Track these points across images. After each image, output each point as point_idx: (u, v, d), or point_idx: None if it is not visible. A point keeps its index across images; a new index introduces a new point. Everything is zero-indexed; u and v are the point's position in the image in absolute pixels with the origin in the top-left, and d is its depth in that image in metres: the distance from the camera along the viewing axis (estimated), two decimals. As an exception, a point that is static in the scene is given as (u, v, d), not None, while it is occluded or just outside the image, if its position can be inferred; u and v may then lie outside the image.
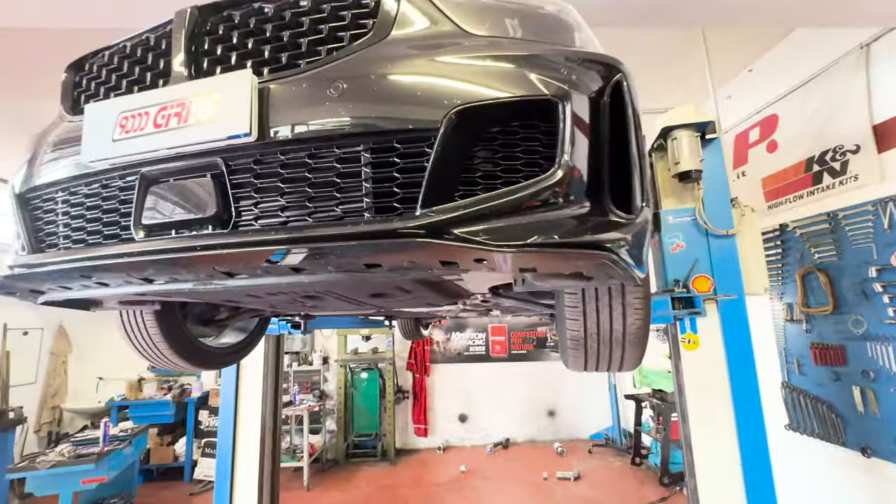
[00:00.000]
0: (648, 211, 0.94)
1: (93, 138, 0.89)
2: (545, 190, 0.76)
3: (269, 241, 0.77)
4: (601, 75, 0.87)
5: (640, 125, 0.94)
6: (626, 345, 1.27)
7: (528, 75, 0.81)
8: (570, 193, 0.78)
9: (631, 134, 0.88)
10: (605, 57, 0.90)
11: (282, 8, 0.89)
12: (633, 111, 0.90)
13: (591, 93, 0.84)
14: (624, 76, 0.89)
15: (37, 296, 1.11)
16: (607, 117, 0.87)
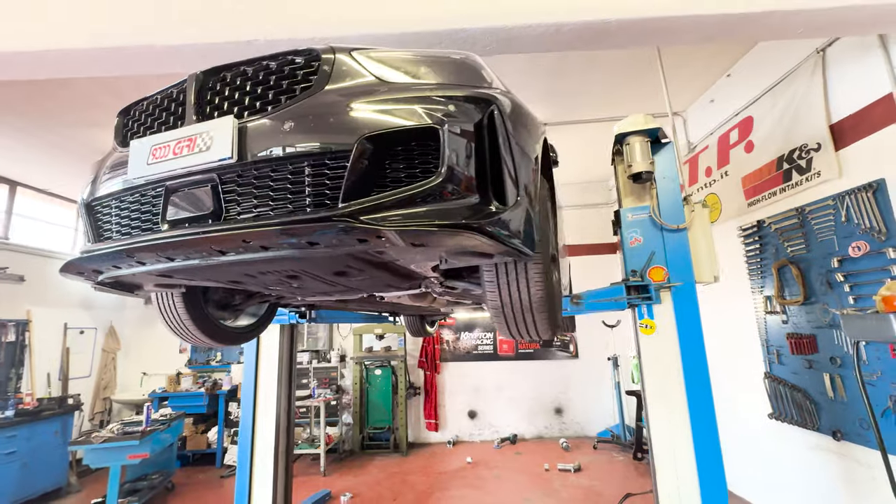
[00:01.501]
0: (525, 202, 1.31)
1: (135, 163, 1.32)
2: (428, 189, 1.13)
3: (244, 227, 1.17)
4: (478, 108, 1.24)
5: (516, 141, 1.31)
6: (534, 312, 1.59)
7: (416, 110, 1.18)
8: (451, 190, 1.15)
9: (502, 149, 1.24)
10: (480, 94, 1.27)
11: (257, 70, 1.30)
12: (506, 131, 1.27)
13: (469, 121, 1.21)
14: (497, 107, 1.26)
15: (97, 274, 1.55)
16: (486, 137, 1.23)
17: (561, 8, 2.11)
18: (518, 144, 1.37)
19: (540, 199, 1.60)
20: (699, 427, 2.50)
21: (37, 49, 2.21)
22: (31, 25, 2.16)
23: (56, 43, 2.16)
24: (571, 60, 3.96)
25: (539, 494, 4.63)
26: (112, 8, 2.15)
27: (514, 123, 1.38)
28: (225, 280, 1.76)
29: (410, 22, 2.16)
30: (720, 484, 2.39)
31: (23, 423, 4.73)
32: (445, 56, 1.44)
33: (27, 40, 2.20)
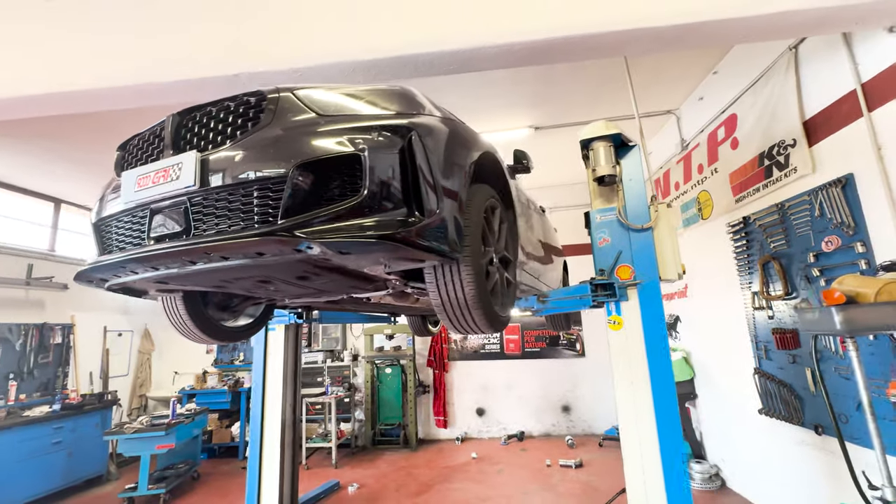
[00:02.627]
0: (448, 211, 1.53)
1: (126, 190, 1.61)
2: (352, 205, 1.35)
3: (203, 242, 1.43)
4: (397, 134, 1.46)
5: (438, 159, 1.52)
6: (470, 309, 1.79)
7: (343, 140, 1.41)
8: (373, 206, 1.37)
9: (420, 168, 1.46)
10: (400, 123, 1.49)
11: (219, 110, 1.57)
12: (425, 153, 1.48)
13: (389, 146, 1.43)
14: (415, 133, 1.47)
15: (103, 282, 1.86)
16: (405, 159, 1.45)
17: (509, 31, 2.29)
18: (441, 162, 1.58)
19: (475, 206, 1.80)
20: (663, 416, 2.60)
21: (47, 91, 2.60)
22: (43, 72, 2.54)
23: (65, 85, 2.53)
24: (557, 66, 4.10)
25: (537, 488, 4.77)
26: (115, 54, 2.50)
27: (437, 144, 1.60)
28: (210, 284, 2.04)
29: (377, 51, 2.39)
30: (682, 475, 2.50)
31: (68, 416, 5.27)
32: (379, 89, 1.67)
33: (42, 84, 2.59)
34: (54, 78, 2.51)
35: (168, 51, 2.46)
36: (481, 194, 1.91)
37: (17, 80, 2.57)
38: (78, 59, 2.54)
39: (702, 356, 4.92)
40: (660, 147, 5.69)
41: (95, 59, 2.51)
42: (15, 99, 2.62)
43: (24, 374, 5.55)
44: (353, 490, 4.94)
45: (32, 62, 2.57)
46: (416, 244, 1.42)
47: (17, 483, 4.66)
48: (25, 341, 5.61)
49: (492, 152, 2.12)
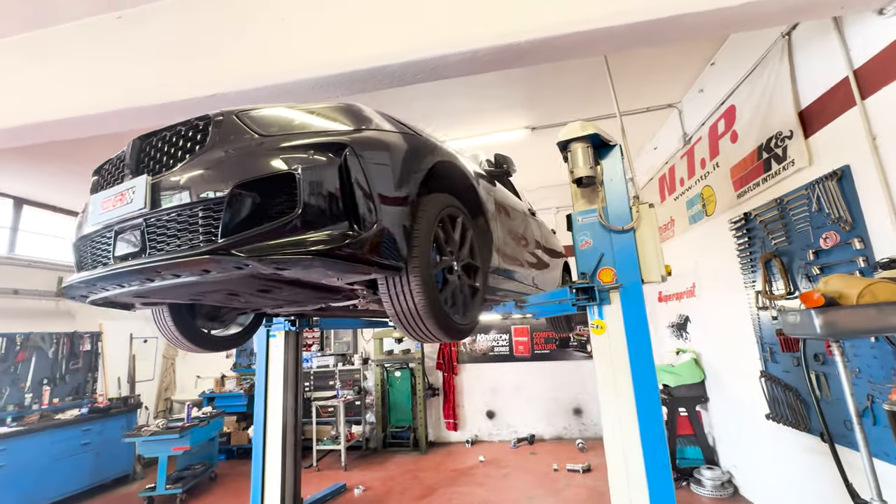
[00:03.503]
0: (391, 223, 1.55)
1: (92, 213, 1.72)
2: (287, 223, 1.40)
3: (154, 262, 1.51)
4: (332, 152, 1.50)
5: (379, 173, 1.55)
6: (422, 318, 1.80)
7: (280, 159, 1.46)
8: (310, 222, 1.41)
9: (356, 185, 1.49)
10: (335, 140, 1.53)
11: (172, 135, 1.65)
12: (361, 169, 1.51)
13: (325, 163, 1.47)
14: (349, 150, 1.51)
15: (83, 298, 1.99)
16: (341, 175, 1.48)
17: (472, 37, 2.29)
18: (383, 175, 1.60)
19: (427, 216, 1.81)
20: (646, 425, 2.53)
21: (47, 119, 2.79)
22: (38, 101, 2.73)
23: (64, 112, 2.71)
24: (542, 68, 4.05)
25: (542, 493, 4.71)
26: (109, 80, 2.66)
27: (379, 158, 1.63)
28: (185, 297, 2.13)
29: (340, 65, 2.45)
30: (666, 478, 2.43)
31: (95, 419, 5.61)
32: (325, 106, 1.72)
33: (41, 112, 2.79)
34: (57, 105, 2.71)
35: (153, 78, 2.61)
36: (435, 204, 1.91)
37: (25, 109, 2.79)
38: (78, 89, 2.73)
39: (712, 358, 4.74)
40: (665, 142, 5.51)
41: (95, 84, 2.69)
42: (25, 126, 2.86)
43: (56, 379, 5.94)
44: (359, 492, 5.03)
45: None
46: (352, 258, 1.45)
47: (50, 481, 5.00)
48: (57, 349, 6.01)
49: (451, 161, 2.13)
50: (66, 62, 2.83)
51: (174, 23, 2.70)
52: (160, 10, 2.75)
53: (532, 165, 6.24)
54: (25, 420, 5.21)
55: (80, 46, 2.81)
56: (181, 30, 2.65)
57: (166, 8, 2.74)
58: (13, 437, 4.75)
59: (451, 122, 4.93)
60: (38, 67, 2.88)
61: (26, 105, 2.84)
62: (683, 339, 5.37)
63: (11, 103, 2.90)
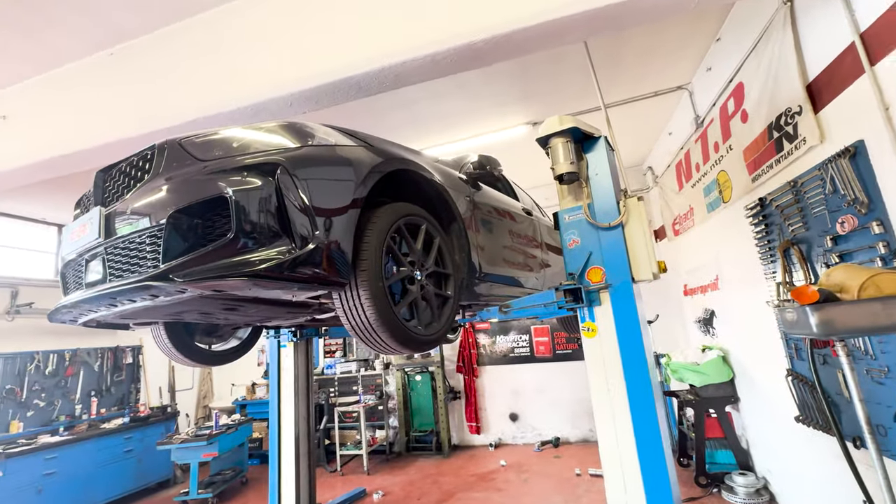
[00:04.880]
0: (336, 238, 1.55)
1: (66, 241, 1.83)
2: (222, 245, 1.43)
3: (110, 288, 1.58)
4: (264, 172, 1.51)
5: (318, 189, 1.55)
6: (376, 331, 1.77)
7: (213, 182, 1.49)
8: (245, 244, 1.43)
9: (289, 203, 1.49)
10: (267, 161, 1.53)
11: (126, 165, 1.72)
12: (295, 187, 1.52)
13: (257, 184, 1.48)
14: (281, 169, 1.51)
15: (72, 321, 2.12)
16: (275, 194, 1.49)
17: (424, 42, 2.25)
18: (321, 192, 1.60)
19: (377, 227, 1.79)
20: (641, 432, 2.38)
21: (74, 150, 3.01)
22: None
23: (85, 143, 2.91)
24: (531, 60, 3.92)
25: (560, 500, 4.56)
26: (117, 111, 2.84)
27: (317, 173, 1.63)
28: (161, 317, 2.21)
29: (308, 79, 2.47)
30: (664, 485, 2.28)
31: (136, 427, 6.01)
32: (266, 126, 1.73)
33: (65, 146, 3.01)
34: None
35: (166, 104, 2.75)
36: (389, 214, 1.88)
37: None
38: (84, 120, 2.94)
39: (740, 354, 4.40)
40: (679, 126, 5.20)
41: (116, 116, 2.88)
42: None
43: (102, 391, 6.42)
44: (378, 498, 5.08)
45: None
46: (287, 277, 1.45)
47: (97, 486, 5.40)
48: (102, 363, 6.49)
49: (413, 169, 2.09)
50: (82, 96, 3.03)
51: (158, 54, 2.84)
52: (147, 42, 2.90)
53: (537, 162, 6.04)
54: (75, 429, 5.66)
55: (91, 81, 3.01)
56: (163, 60, 2.78)
57: (152, 40, 2.89)
58: (63, 445, 5.17)
59: (448, 125, 4.88)
60: (60, 104, 3.11)
61: (52, 139, 3.07)
62: (710, 336, 5.03)
63: (38, 138, 3.14)
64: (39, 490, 4.83)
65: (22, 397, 5.45)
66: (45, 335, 5.91)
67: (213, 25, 2.69)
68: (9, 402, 5.33)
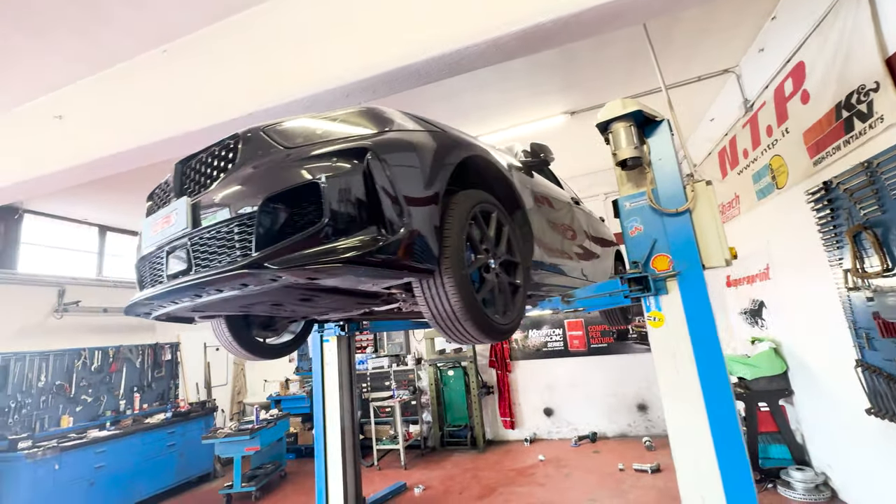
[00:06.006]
0: (420, 225, 1.52)
1: (146, 235, 1.84)
2: (315, 232, 1.40)
3: (199, 278, 1.58)
4: (354, 157, 1.48)
5: (404, 175, 1.52)
6: (459, 320, 1.74)
7: (304, 170, 1.47)
8: (337, 230, 1.40)
9: (380, 188, 1.46)
10: (356, 146, 1.50)
11: (208, 155, 1.72)
12: (384, 172, 1.49)
13: (347, 170, 1.46)
14: (371, 154, 1.48)
15: (146, 315, 2.14)
16: (365, 180, 1.46)
17: (491, 25, 2.19)
18: (408, 176, 1.56)
19: (457, 214, 1.75)
20: (718, 425, 2.30)
21: (128, 148, 3.05)
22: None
23: (139, 141, 2.94)
24: (577, 46, 3.83)
25: (606, 495, 4.48)
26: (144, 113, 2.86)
27: (402, 159, 1.59)
28: (232, 310, 2.22)
29: (367, 69, 2.44)
30: (746, 482, 2.19)
31: (178, 422, 6.13)
32: (346, 112, 1.71)
33: (119, 145, 3.05)
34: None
35: (201, 102, 2.77)
36: (466, 201, 1.84)
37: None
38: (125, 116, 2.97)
39: (795, 346, 4.25)
40: (722, 112, 5.03)
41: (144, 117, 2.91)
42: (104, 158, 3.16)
43: (144, 387, 6.57)
44: (419, 492, 5.08)
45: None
46: (382, 263, 1.43)
47: (143, 479, 5.53)
48: (143, 359, 6.64)
49: (482, 155, 2.05)
50: (137, 94, 3.07)
51: (213, 49, 2.85)
52: (201, 37, 2.91)
53: (574, 152, 5.97)
54: (121, 424, 5.81)
55: (146, 78, 3.04)
56: (218, 55, 2.79)
57: (206, 35, 2.90)
58: (111, 439, 5.30)
59: (486, 116, 4.82)
60: (115, 102, 3.15)
61: (108, 137, 3.11)
62: (759, 327, 4.87)
63: (94, 137, 3.19)
64: (91, 483, 4.96)
65: (71, 393, 5.60)
66: (90, 333, 6.07)
67: (267, 19, 2.68)
68: (59, 397, 5.49)
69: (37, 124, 3.37)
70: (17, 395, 5.08)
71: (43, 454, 4.55)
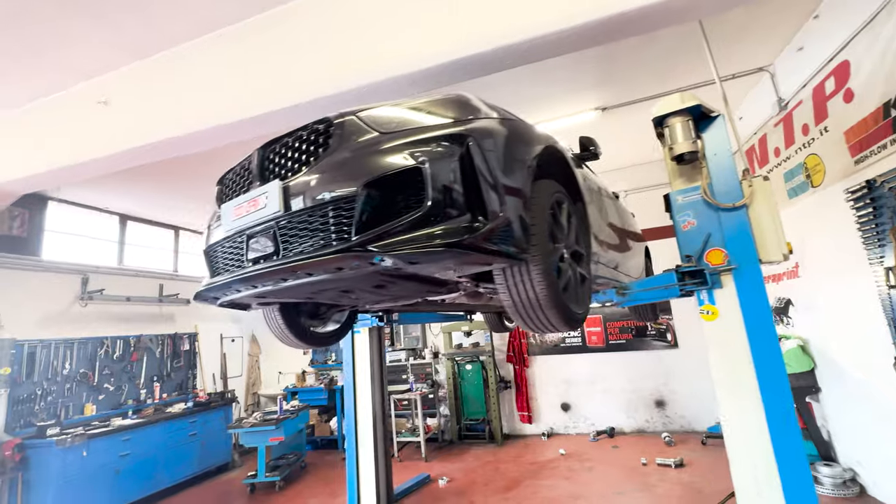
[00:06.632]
0: (513, 212, 1.53)
1: (225, 220, 1.83)
2: (417, 217, 1.41)
3: (291, 262, 1.59)
4: (455, 143, 1.49)
5: (498, 162, 1.52)
6: (543, 309, 1.75)
7: (405, 154, 1.47)
8: (438, 215, 1.41)
9: (481, 173, 1.47)
10: (456, 131, 1.51)
11: (294, 140, 1.72)
12: (483, 158, 1.50)
13: (448, 155, 1.46)
14: (472, 139, 1.49)
15: (216, 300, 2.15)
16: (464, 166, 1.47)
17: (570, 13, 2.19)
18: (502, 163, 1.57)
19: (540, 203, 1.77)
20: (776, 419, 2.32)
21: (174, 135, 3.05)
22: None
23: (186, 128, 2.94)
24: (617, 45, 3.82)
25: (632, 488, 4.53)
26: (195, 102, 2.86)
27: (496, 146, 1.60)
28: (301, 296, 2.23)
29: (431, 57, 2.44)
30: (806, 483, 2.20)
31: (199, 411, 6.15)
32: (435, 99, 1.71)
33: (166, 131, 3.05)
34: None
35: (250, 92, 2.76)
36: (546, 190, 1.85)
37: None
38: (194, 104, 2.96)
39: (823, 344, 4.28)
40: (751, 111, 5.04)
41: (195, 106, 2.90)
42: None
43: (164, 376, 6.58)
44: (444, 483, 5.11)
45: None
46: (482, 248, 1.44)
47: (166, 468, 5.55)
48: (163, 349, 6.65)
49: (553, 145, 2.06)
50: (189, 80, 3.05)
51: (272, 35, 2.83)
52: (259, 22, 2.90)
53: (602, 147, 5.97)
54: (143, 413, 5.82)
55: (199, 63, 3.03)
56: (277, 41, 2.78)
57: (264, 20, 2.88)
58: (136, 428, 5.31)
59: (519, 111, 4.72)
60: (163, 88, 3.13)
61: (156, 123, 3.10)
62: (784, 325, 4.91)
63: (140, 122, 3.17)
64: (117, 471, 4.97)
65: (94, 381, 5.60)
66: (111, 321, 6.06)
67: (328, 5, 2.67)
68: (83, 385, 5.49)
69: (80, 109, 3.36)
70: (42, 383, 5.08)
71: (72, 441, 4.55)
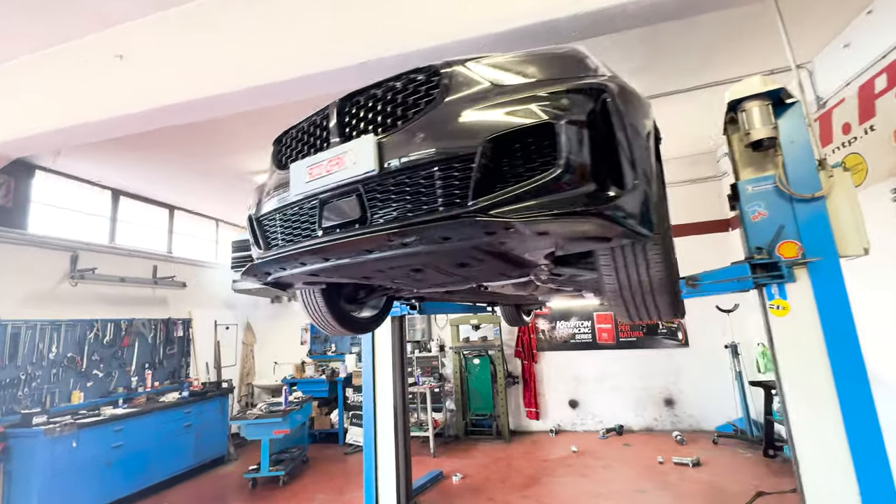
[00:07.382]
0: (642, 183, 1.33)
1: (295, 182, 1.59)
2: (549, 180, 1.21)
3: (387, 229, 1.37)
4: (589, 98, 1.28)
5: (629, 124, 1.32)
6: (654, 293, 1.58)
7: (532, 109, 1.27)
8: (570, 180, 1.21)
9: (617, 134, 1.28)
10: (592, 84, 1.31)
11: (385, 91, 1.49)
12: (619, 117, 1.29)
13: (582, 111, 1.26)
14: (610, 94, 1.29)
15: (267, 275, 1.90)
16: (599, 125, 1.27)
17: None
18: (631, 127, 1.37)
19: (657, 178, 1.58)
20: (855, 424, 2.20)
21: (197, 97, 2.75)
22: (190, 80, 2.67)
23: (212, 89, 2.65)
24: (664, 30, 3.70)
25: (653, 487, 4.45)
26: (253, 56, 2.58)
27: (626, 107, 1.40)
28: (359, 276, 2.00)
29: (501, 22, 2.24)
30: (889, 491, 2.09)
31: (194, 401, 5.80)
32: (549, 51, 1.50)
33: (188, 93, 2.75)
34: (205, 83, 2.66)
35: (307, 48, 2.49)
36: (658, 166, 1.68)
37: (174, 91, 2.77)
38: (226, 63, 2.67)
39: (863, 349, 4.26)
40: (783, 109, 4.99)
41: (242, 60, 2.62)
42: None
43: (155, 364, 6.20)
44: (457, 480, 4.95)
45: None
46: (618, 221, 1.25)
47: (160, 461, 5.21)
48: (155, 335, 6.26)
49: (655, 123, 1.89)
50: (219, 36, 2.75)
51: None
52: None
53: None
54: (134, 402, 5.45)
55: (231, 18, 2.73)
56: None
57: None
58: (129, 417, 4.96)
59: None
60: (188, 44, 2.82)
61: (178, 83, 2.80)
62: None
63: (160, 81, 2.85)
64: (108, 464, 4.62)
65: (82, 367, 5.20)
66: (101, 303, 5.65)
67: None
68: (70, 371, 5.09)
69: (92, 65, 3.02)
70: (26, 367, 4.67)
71: (61, 431, 4.19)
